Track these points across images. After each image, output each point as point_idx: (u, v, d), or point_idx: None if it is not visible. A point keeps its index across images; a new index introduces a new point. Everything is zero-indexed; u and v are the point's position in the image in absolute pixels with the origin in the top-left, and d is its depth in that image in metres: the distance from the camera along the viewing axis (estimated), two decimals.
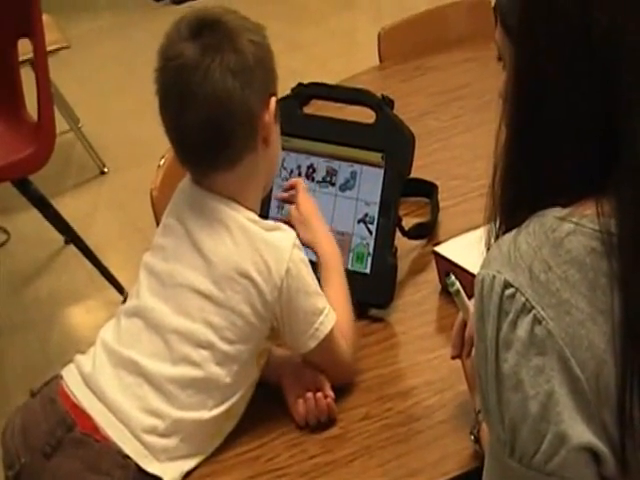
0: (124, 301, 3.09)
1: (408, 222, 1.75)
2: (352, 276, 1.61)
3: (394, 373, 1.50)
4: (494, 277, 0.97)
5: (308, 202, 1.58)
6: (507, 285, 0.96)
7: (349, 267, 1.63)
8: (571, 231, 0.96)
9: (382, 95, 1.67)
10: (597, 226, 0.95)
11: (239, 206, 1.43)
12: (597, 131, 0.96)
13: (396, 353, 1.55)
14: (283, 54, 5.03)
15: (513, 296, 0.96)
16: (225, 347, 1.39)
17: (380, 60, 2.55)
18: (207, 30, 1.40)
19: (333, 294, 1.48)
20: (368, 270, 1.62)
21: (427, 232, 1.79)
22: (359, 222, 1.64)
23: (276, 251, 1.39)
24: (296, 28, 5.03)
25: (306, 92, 1.74)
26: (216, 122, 1.38)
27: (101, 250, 3.34)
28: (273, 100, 1.44)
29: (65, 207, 3.69)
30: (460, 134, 2.13)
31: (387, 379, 1.49)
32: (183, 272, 1.41)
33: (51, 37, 3.75)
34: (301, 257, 1.42)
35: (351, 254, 1.64)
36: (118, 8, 5.57)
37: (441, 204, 1.85)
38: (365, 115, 1.68)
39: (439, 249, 1.63)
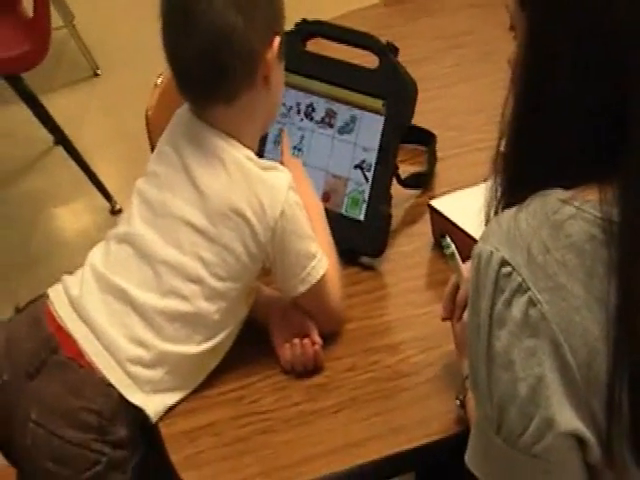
0: (112, 211, 3.11)
1: (404, 170, 1.74)
2: (345, 222, 1.62)
3: (382, 325, 1.51)
4: (492, 253, 0.97)
5: (293, 162, 1.56)
6: (504, 263, 0.96)
7: (342, 212, 1.63)
8: (572, 215, 0.95)
9: (387, 42, 1.65)
10: (599, 213, 0.95)
11: (237, 142, 1.42)
12: (606, 112, 0.95)
13: (385, 305, 1.56)
14: None
15: (509, 275, 0.96)
16: (215, 283, 1.39)
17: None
18: None
19: (320, 239, 1.48)
20: (362, 217, 1.62)
21: (423, 182, 1.78)
22: (355, 167, 1.63)
23: (271, 192, 1.39)
24: None
25: (310, 29, 1.72)
26: (215, 54, 1.37)
27: (89, 154, 3.31)
28: (277, 39, 1.42)
29: (54, 106, 3.63)
30: (459, 83, 2.11)
31: (375, 331, 1.50)
32: (176, 203, 1.41)
33: None
34: (296, 200, 1.41)
35: (346, 199, 1.64)
36: None
37: (438, 154, 1.84)
38: (367, 59, 1.66)
39: (435, 204, 1.63)
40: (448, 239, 1.35)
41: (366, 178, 1.62)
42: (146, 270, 1.41)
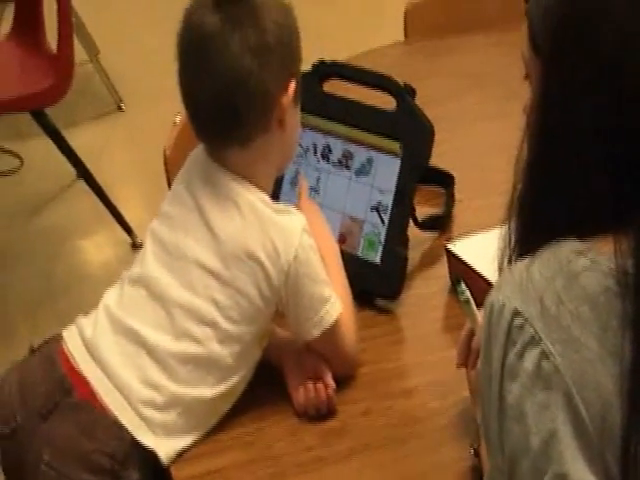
0: (133, 244, 3.11)
1: (422, 212, 1.74)
2: (362, 264, 1.61)
3: (397, 370, 1.50)
4: (504, 304, 0.96)
5: (309, 205, 1.56)
6: (516, 314, 0.95)
7: (359, 254, 1.63)
8: (587, 267, 0.94)
9: (404, 83, 1.65)
10: (614, 265, 0.94)
11: (251, 185, 1.42)
12: (622, 163, 0.95)
13: (401, 349, 1.55)
14: (314, 6, 5.03)
15: (522, 327, 0.94)
16: (228, 326, 1.39)
17: (405, 35, 2.51)
18: (231, 2, 1.39)
19: (335, 283, 1.47)
20: (378, 260, 1.61)
21: (441, 225, 1.78)
22: (372, 210, 1.62)
23: (285, 235, 1.39)
24: None
25: (327, 70, 1.71)
26: (229, 98, 1.38)
27: (110, 187, 3.34)
28: (293, 83, 1.42)
29: (78, 139, 3.67)
30: (480, 122, 2.11)
31: (390, 375, 1.49)
32: (190, 245, 1.41)
33: None
34: (310, 243, 1.41)
35: (362, 241, 1.63)
36: None
37: (456, 196, 1.84)
38: (385, 100, 1.66)
39: (452, 247, 1.62)
40: (463, 285, 1.34)
41: (382, 220, 1.62)
42: (159, 312, 1.40)
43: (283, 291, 1.39)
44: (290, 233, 1.39)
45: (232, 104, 1.38)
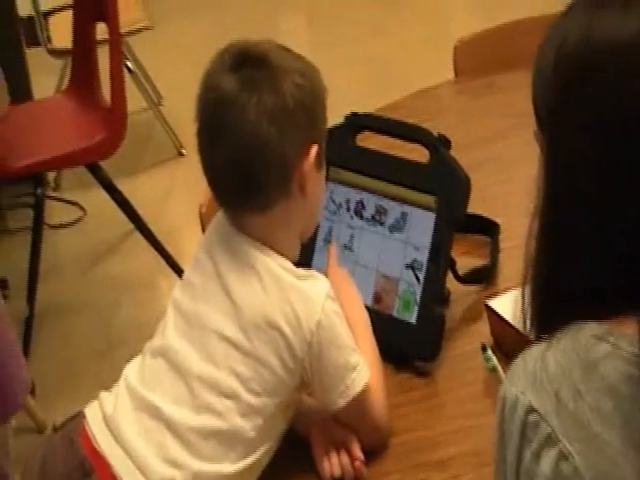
0: None
1: (464, 263, 1.67)
2: (397, 324, 1.56)
3: (432, 439, 1.43)
4: (517, 398, 0.90)
5: (338, 272, 1.51)
6: (531, 410, 0.89)
7: (394, 314, 1.57)
8: (607, 353, 0.87)
9: (438, 134, 1.59)
10: (637, 349, 0.87)
11: (271, 251, 1.37)
12: (637, 239, 0.89)
13: (437, 415, 1.48)
14: (369, 38, 5.03)
15: (537, 424, 0.88)
16: (250, 399, 1.34)
17: (455, 74, 2.45)
18: (250, 65, 1.35)
19: (363, 351, 1.41)
20: (414, 320, 1.55)
21: (484, 277, 1.71)
22: (407, 267, 1.57)
23: (307, 302, 1.34)
24: (385, 11, 4.93)
25: (360, 122, 1.67)
26: (247, 164, 1.33)
27: (173, 234, 3.35)
28: (314, 149, 1.37)
29: (141, 187, 3.70)
30: (529, 165, 2.02)
31: (424, 444, 1.42)
32: (210, 314, 1.37)
33: (135, 16, 3.78)
34: (334, 309, 1.36)
35: (397, 300, 1.57)
36: None
37: (502, 244, 1.76)
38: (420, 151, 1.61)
39: (492, 303, 1.55)
40: (489, 351, 1.28)
41: (418, 278, 1.56)
42: (180, 386, 1.36)
43: (307, 361, 1.34)
44: (312, 299, 1.34)
45: (250, 170, 1.34)
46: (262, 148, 1.32)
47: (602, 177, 0.90)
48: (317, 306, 1.33)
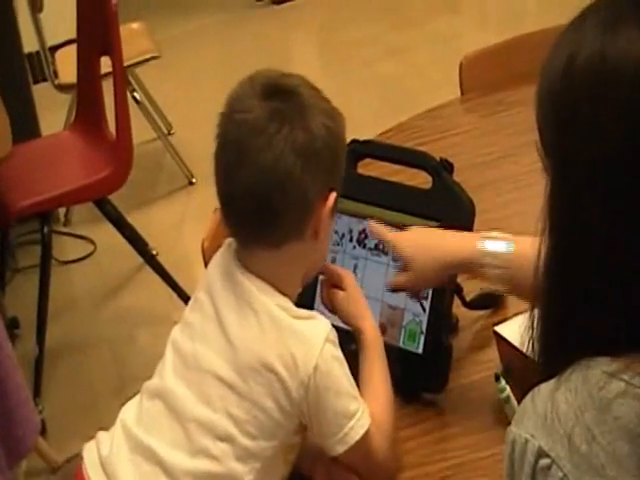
0: None
1: (473, 287, 1.63)
2: (404, 356, 1.52)
3: (441, 473, 1.39)
4: (527, 441, 0.86)
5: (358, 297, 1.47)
6: (542, 454, 0.84)
7: (400, 345, 1.53)
8: (621, 392, 0.83)
9: (440, 158, 1.55)
10: None
11: (272, 290, 1.33)
12: None
13: (446, 447, 1.43)
14: (381, 59, 5.00)
15: (549, 468, 0.84)
16: (246, 442, 1.30)
17: (462, 92, 2.41)
18: (281, 96, 1.31)
19: (375, 385, 1.38)
20: (420, 350, 1.51)
21: (493, 302, 1.66)
22: (412, 297, 1.53)
23: (305, 344, 1.30)
24: (396, 31, 4.90)
25: (361, 150, 1.63)
26: (266, 195, 1.29)
27: (185, 264, 3.32)
28: (333, 196, 1.34)
29: (152, 217, 3.69)
30: (540, 184, 1.99)
31: (434, 479, 1.38)
32: (207, 355, 1.34)
33: (142, 46, 3.77)
34: (333, 353, 1.31)
35: (403, 331, 1.53)
36: (215, 9, 5.49)
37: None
38: (422, 177, 1.58)
39: (500, 329, 1.51)
40: (503, 382, 1.24)
41: (423, 308, 1.52)
42: (176, 428, 1.33)
43: (304, 405, 1.30)
44: (310, 342, 1.30)
45: (268, 201, 1.29)
46: (284, 182, 1.29)
47: (608, 206, 0.85)
48: (315, 349, 1.29)
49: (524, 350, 1.41)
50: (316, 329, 1.31)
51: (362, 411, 1.33)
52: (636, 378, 0.83)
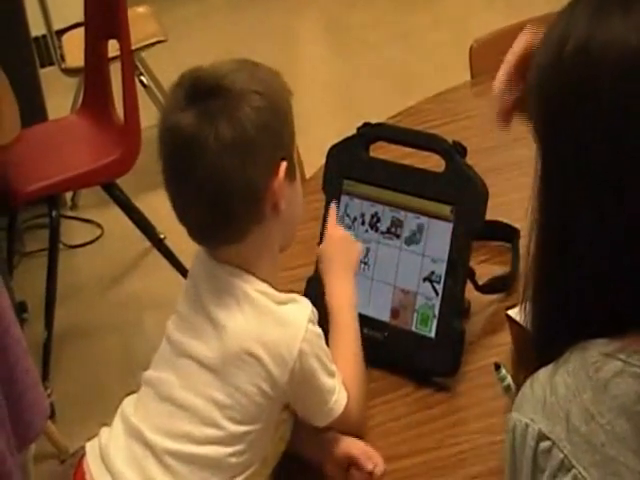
0: None
1: (486, 271, 1.63)
2: (416, 339, 1.52)
3: (454, 457, 1.38)
4: (527, 426, 0.86)
5: (334, 239, 1.51)
6: (542, 437, 0.84)
7: (412, 329, 1.52)
8: (618, 371, 0.83)
9: (453, 141, 1.54)
10: None
11: (250, 277, 1.33)
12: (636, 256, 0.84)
13: (459, 431, 1.42)
14: (388, 43, 4.98)
15: (549, 451, 0.84)
16: (230, 426, 1.31)
17: (472, 75, 2.40)
18: (203, 95, 1.27)
19: (341, 356, 1.40)
20: (433, 334, 1.50)
21: (505, 286, 1.65)
22: (424, 280, 1.52)
23: (288, 330, 1.30)
24: (402, 14, 4.88)
25: (373, 133, 1.62)
26: (214, 201, 1.27)
27: (195, 248, 3.29)
28: (283, 165, 1.31)
29: (160, 202, 3.63)
30: None
31: (446, 464, 1.37)
32: (193, 343, 1.34)
33: (148, 30, 3.75)
34: (315, 332, 1.32)
35: (415, 315, 1.52)
36: None
37: (523, 250, 1.71)
38: (434, 160, 1.56)
39: (513, 313, 1.50)
40: (503, 370, 1.23)
41: (436, 291, 1.51)
42: (163, 413, 1.34)
43: (288, 388, 1.31)
44: (294, 327, 1.30)
45: (217, 206, 1.28)
46: (226, 182, 1.26)
47: (597, 194, 0.85)
48: (299, 334, 1.29)
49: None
50: (298, 313, 1.31)
51: (339, 384, 1.36)
52: (633, 356, 0.84)
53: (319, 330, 1.33)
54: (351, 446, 1.38)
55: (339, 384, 1.36)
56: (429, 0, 4.99)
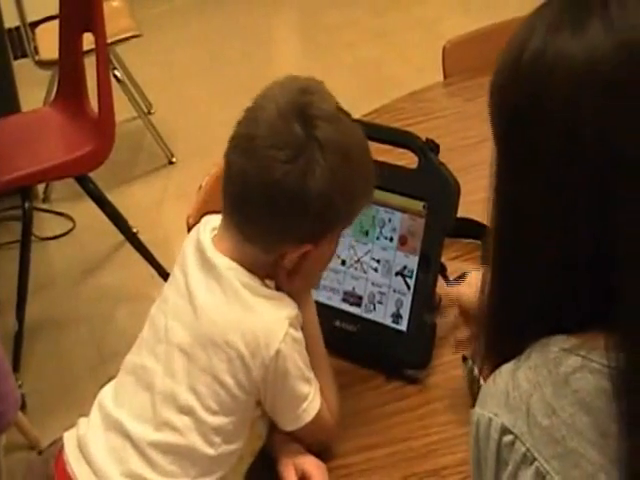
0: None
1: (456, 267, 1.66)
2: (387, 332, 1.54)
3: (424, 448, 1.41)
4: (490, 420, 0.88)
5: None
6: (505, 431, 0.86)
7: (385, 322, 1.55)
8: (578, 367, 0.85)
9: (426, 139, 1.57)
10: (608, 361, 0.85)
11: (240, 268, 1.34)
12: (592, 256, 0.86)
13: (430, 423, 1.45)
14: (363, 42, 4.98)
15: (512, 444, 0.86)
16: (206, 416, 1.33)
17: (444, 76, 2.43)
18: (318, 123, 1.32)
19: (321, 362, 1.42)
20: (404, 328, 1.53)
21: None
22: (397, 275, 1.54)
23: (269, 328, 1.31)
24: (377, 15, 4.90)
25: None
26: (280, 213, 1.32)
27: (165, 242, 3.32)
28: (307, 248, 1.35)
29: (132, 196, 3.68)
30: None
31: (416, 454, 1.40)
32: (175, 329, 1.36)
33: (123, 24, 3.75)
34: (295, 337, 1.33)
35: (387, 308, 1.55)
36: None
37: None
38: (408, 157, 1.58)
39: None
40: (470, 362, 1.25)
41: (408, 286, 1.53)
42: (144, 401, 1.36)
43: (262, 384, 1.33)
44: (274, 326, 1.31)
45: (282, 217, 1.31)
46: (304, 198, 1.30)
47: (553, 194, 0.87)
48: (279, 334, 1.31)
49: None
50: (280, 312, 1.33)
51: (314, 393, 1.36)
52: (592, 353, 0.86)
53: (300, 335, 1.34)
54: (307, 462, 1.38)
55: (314, 393, 1.36)
56: (404, 1, 5.01)
